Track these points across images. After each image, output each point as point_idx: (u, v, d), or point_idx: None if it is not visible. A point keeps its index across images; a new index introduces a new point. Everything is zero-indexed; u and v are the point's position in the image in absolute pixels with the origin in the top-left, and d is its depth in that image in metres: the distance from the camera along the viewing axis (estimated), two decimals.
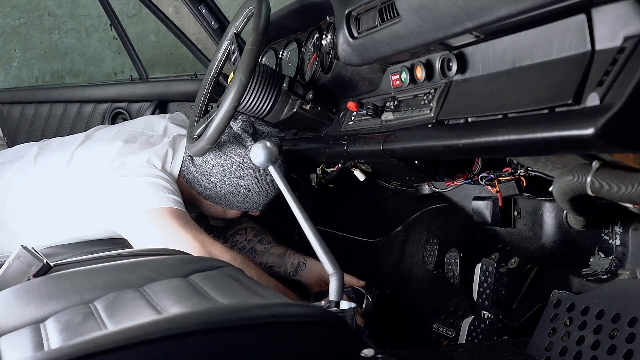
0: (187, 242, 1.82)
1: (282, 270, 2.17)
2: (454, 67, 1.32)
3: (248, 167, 1.98)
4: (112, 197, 1.89)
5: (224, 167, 1.97)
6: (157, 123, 2.16)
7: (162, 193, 1.87)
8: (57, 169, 2.00)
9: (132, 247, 1.87)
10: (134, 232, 1.87)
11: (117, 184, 1.89)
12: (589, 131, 0.92)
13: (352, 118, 1.78)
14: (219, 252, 1.85)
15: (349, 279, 2.01)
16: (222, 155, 1.97)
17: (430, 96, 1.41)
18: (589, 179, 1.13)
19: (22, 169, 2.07)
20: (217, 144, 1.92)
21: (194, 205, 2.06)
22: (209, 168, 1.98)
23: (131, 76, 3.14)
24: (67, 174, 1.98)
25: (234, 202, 2.05)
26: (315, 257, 1.39)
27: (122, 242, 1.93)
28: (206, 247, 1.84)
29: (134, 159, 1.92)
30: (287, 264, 2.18)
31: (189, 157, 1.99)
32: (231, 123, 1.97)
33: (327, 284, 1.31)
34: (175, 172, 1.98)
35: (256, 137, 2.04)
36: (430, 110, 1.39)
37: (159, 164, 1.94)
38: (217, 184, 1.99)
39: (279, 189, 2.02)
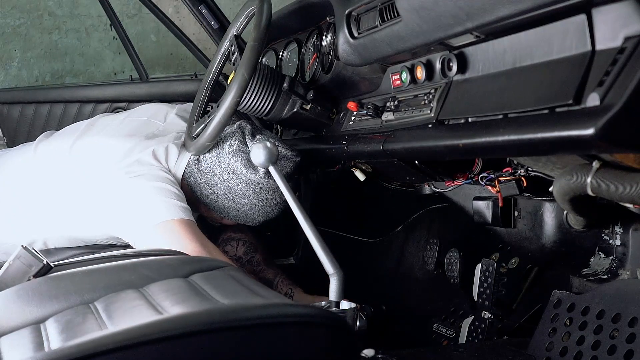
0: (198, 255, 1.76)
1: None
2: (454, 67, 1.32)
3: (254, 191, 1.93)
4: (120, 204, 1.84)
5: (230, 185, 1.92)
6: (161, 112, 2.12)
7: (171, 201, 1.82)
8: (58, 158, 1.95)
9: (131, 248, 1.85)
10: (144, 244, 1.82)
11: (125, 188, 1.83)
12: (589, 131, 0.92)
13: (353, 118, 1.78)
14: None
15: None
16: (230, 172, 1.90)
17: (431, 96, 1.41)
18: (589, 179, 1.13)
19: (24, 157, 2.02)
20: (227, 162, 1.90)
21: (193, 205, 2.04)
22: (213, 180, 1.93)
23: (131, 76, 3.13)
24: (69, 164, 1.92)
25: (232, 216, 2.01)
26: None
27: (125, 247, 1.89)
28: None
29: (141, 157, 1.87)
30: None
31: (196, 162, 1.94)
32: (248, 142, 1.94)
33: None
34: (179, 173, 1.93)
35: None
36: (431, 110, 1.39)
37: (163, 158, 1.90)
38: (219, 196, 1.94)
39: (280, 211, 2.01)
